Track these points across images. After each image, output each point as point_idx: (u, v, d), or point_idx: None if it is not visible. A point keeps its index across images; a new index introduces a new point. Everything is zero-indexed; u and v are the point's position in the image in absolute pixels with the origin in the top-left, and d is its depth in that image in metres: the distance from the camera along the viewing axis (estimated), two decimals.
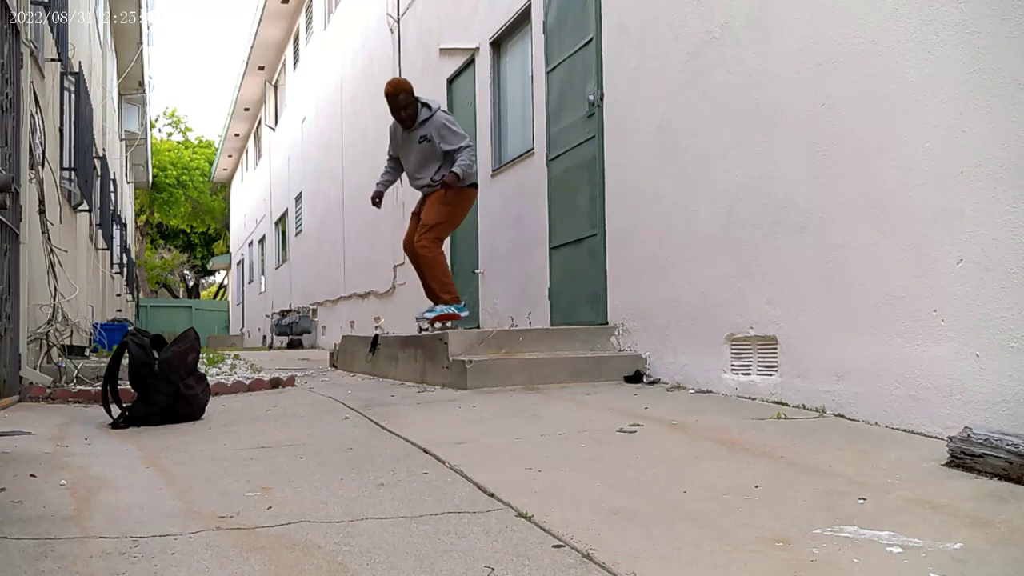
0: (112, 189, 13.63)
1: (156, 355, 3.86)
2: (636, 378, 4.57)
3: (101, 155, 11.49)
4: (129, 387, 3.93)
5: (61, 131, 7.26)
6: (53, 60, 6.77)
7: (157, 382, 3.77)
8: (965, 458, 2.32)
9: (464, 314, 5.98)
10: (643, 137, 4.76)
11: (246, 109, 21.78)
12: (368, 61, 11.09)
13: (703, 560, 1.68)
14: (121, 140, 17.66)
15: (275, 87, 19.36)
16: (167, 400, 3.77)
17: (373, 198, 6.27)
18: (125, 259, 18.08)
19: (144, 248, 33.82)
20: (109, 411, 3.75)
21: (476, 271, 7.32)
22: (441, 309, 5.79)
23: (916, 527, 1.85)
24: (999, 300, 2.65)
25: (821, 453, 2.63)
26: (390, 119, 6.09)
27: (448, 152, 5.80)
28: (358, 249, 11.78)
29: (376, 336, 6.38)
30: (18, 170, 4.58)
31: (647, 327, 4.72)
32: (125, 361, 3.93)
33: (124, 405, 3.81)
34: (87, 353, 6.80)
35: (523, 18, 6.49)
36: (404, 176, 6.31)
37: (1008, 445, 2.23)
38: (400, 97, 5.82)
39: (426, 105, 5.91)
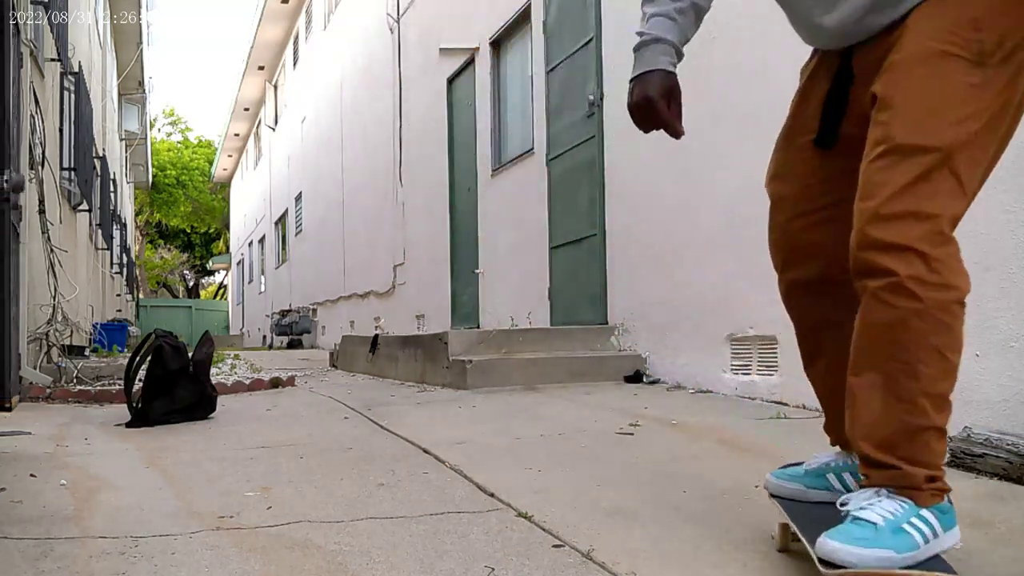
0: (112, 189, 13.64)
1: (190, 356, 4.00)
2: (636, 378, 4.57)
3: (101, 155, 11.49)
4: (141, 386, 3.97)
5: (61, 131, 7.26)
6: (53, 60, 6.77)
7: (188, 382, 3.88)
8: (965, 458, 2.32)
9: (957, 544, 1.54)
10: (643, 137, 4.74)
11: (246, 109, 21.81)
12: (368, 61, 11.09)
13: (703, 560, 1.68)
14: (121, 140, 17.68)
15: (275, 87, 19.38)
16: (192, 398, 3.87)
17: (650, 101, 1.72)
18: (125, 259, 18.10)
19: (144, 248, 33.84)
20: (131, 407, 3.80)
21: (476, 271, 7.32)
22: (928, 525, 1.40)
23: None
24: (999, 300, 2.65)
25: None
26: (390, 118, 6.02)
27: None
28: (358, 249, 11.78)
29: (376, 336, 6.39)
30: (18, 170, 4.58)
31: (647, 327, 4.72)
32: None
33: (141, 402, 3.85)
34: (87, 353, 6.80)
35: (523, 18, 6.49)
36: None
37: (1008, 445, 2.23)
38: None
39: None
